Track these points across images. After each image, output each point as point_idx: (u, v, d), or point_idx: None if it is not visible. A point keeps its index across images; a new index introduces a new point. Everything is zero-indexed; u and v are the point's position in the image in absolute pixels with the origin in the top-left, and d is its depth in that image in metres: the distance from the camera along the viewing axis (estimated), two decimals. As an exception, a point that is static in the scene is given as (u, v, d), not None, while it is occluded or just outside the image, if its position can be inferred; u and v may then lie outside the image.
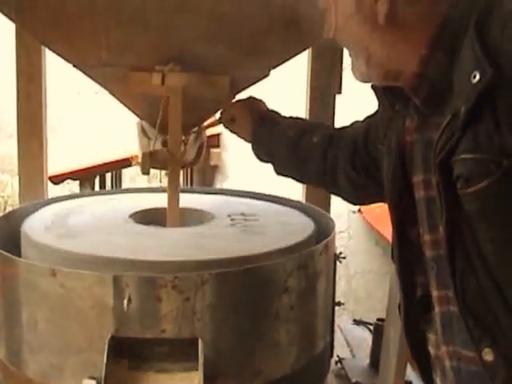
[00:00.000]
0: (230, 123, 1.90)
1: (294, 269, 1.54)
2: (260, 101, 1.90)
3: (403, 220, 1.25)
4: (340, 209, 5.02)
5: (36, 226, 1.74)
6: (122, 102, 1.89)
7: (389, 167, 1.27)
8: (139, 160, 1.72)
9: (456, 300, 1.08)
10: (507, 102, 0.95)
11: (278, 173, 1.84)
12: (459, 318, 1.09)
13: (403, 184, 1.23)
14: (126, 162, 4.63)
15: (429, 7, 1.08)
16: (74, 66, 1.75)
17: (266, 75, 1.86)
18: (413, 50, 1.11)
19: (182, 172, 2.10)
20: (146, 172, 1.70)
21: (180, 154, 1.78)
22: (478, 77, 0.97)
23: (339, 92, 2.28)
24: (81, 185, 4.54)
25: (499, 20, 0.98)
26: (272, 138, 1.78)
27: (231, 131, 1.92)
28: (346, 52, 2.19)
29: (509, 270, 1.00)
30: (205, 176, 5.28)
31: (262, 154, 1.83)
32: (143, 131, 1.88)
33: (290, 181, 1.86)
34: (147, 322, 1.41)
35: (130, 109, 1.92)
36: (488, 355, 1.03)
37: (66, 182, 4.68)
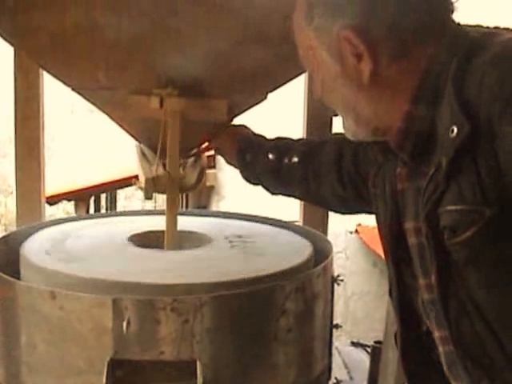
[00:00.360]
0: (217, 151, 1.96)
1: (292, 291, 1.55)
2: (243, 126, 1.94)
3: (400, 262, 1.27)
4: (337, 229, 5.04)
5: (35, 249, 1.75)
6: (120, 125, 1.91)
7: (385, 213, 1.30)
8: (142, 185, 1.74)
9: (452, 341, 1.11)
10: (486, 154, 0.97)
11: (271, 193, 1.88)
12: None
13: (398, 229, 1.25)
14: (121, 183, 4.67)
15: (410, 63, 1.11)
16: (73, 89, 1.77)
17: (264, 99, 1.89)
18: (397, 105, 1.14)
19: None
20: (149, 197, 1.72)
21: (179, 178, 1.80)
22: (455, 131, 1.00)
23: (336, 114, 2.30)
24: (76, 205, 4.56)
25: (477, 72, 1.01)
26: (256, 163, 1.82)
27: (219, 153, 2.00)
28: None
29: (500, 313, 1.03)
30: (201, 197, 5.31)
31: (251, 178, 1.87)
32: (143, 154, 1.90)
33: (286, 200, 1.89)
34: (146, 344, 1.42)
35: (128, 132, 1.94)
36: None
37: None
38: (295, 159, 1.72)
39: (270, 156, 1.77)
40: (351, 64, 1.13)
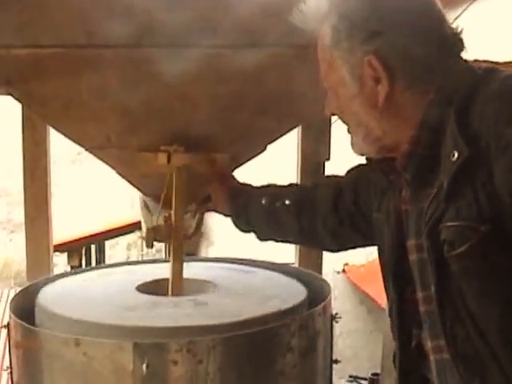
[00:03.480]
0: (206, 201, 2.06)
1: (297, 329, 1.66)
2: (231, 176, 2.04)
3: (401, 280, 1.37)
4: (325, 269, 5.12)
5: (51, 300, 1.85)
6: (127, 180, 2.03)
7: (389, 235, 1.40)
8: (143, 234, 1.85)
9: (447, 347, 1.21)
10: (483, 177, 1.10)
11: (261, 239, 1.98)
12: (452, 364, 1.22)
13: (400, 248, 1.36)
14: (110, 233, 4.76)
15: (419, 93, 1.24)
16: (86, 149, 1.90)
17: (263, 150, 2.02)
18: (405, 128, 1.26)
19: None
20: (149, 245, 1.84)
21: (183, 227, 1.92)
22: (456, 155, 1.13)
23: (328, 159, 2.45)
24: (69, 256, 4.61)
25: (479, 104, 1.15)
26: (248, 210, 1.92)
27: (207, 210, 2.09)
28: (333, 121, 2.38)
29: (490, 319, 1.14)
30: (189, 242, 5.37)
31: (242, 225, 1.97)
32: (146, 206, 2.02)
33: (276, 246, 1.99)
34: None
35: (135, 186, 2.06)
36: None
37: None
38: (288, 202, 1.84)
39: (263, 201, 1.88)
40: (369, 86, 1.25)
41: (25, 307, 1.86)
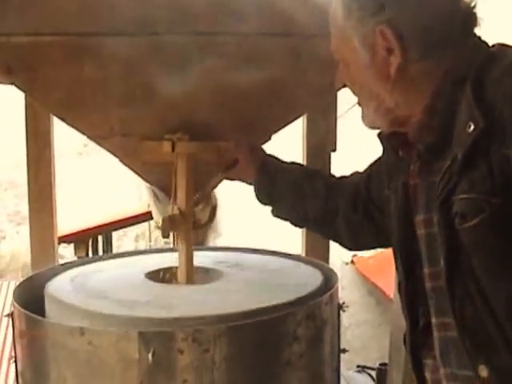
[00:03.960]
0: (232, 166, 1.96)
1: (303, 319, 1.65)
2: (260, 147, 1.99)
3: (409, 256, 1.36)
4: (333, 260, 5.12)
5: (60, 289, 1.85)
6: (132, 169, 2.02)
7: (395, 208, 1.40)
8: (158, 224, 1.84)
9: (455, 324, 1.19)
10: (499, 149, 1.10)
11: (277, 215, 1.91)
12: (455, 342, 1.21)
13: (408, 222, 1.35)
14: (117, 224, 4.76)
15: (433, 65, 1.24)
16: (88, 137, 1.89)
17: (268, 140, 2.00)
18: (418, 99, 1.26)
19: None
20: (166, 235, 1.82)
21: (192, 216, 1.91)
22: (472, 127, 1.13)
23: (334, 150, 2.43)
24: (75, 247, 4.61)
25: (495, 76, 1.15)
26: (274, 181, 1.85)
27: (228, 178, 2.01)
28: (339, 110, 2.36)
29: (499, 294, 1.13)
30: (197, 233, 5.36)
31: (264, 196, 1.89)
32: (155, 196, 2.01)
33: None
34: (170, 373, 1.51)
35: (139, 175, 2.05)
36: (483, 371, 1.15)
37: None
38: (319, 182, 1.80)
39: (294, 175, 1.83)
40: (381, 56, 1.25)
41: (30, 296, 1.85)
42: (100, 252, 4.62)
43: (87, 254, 4.31)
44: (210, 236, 5.54)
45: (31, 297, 1.84)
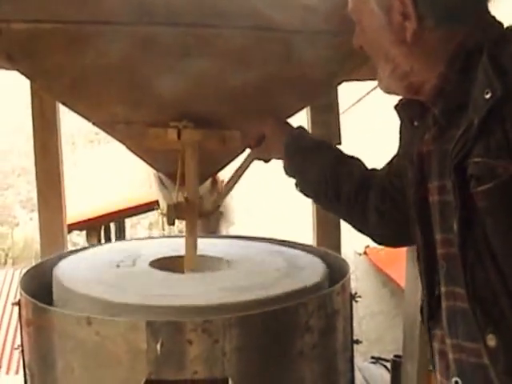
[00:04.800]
0: (259, 143, 1.89)
1: (315, 309, 1.62)
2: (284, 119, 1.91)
3: (426, 222, 1.34)
4: (346, 250, 5.08)
5: (68, 275, 1.83)
6: (138, 155, 1.99)
7: (412, 177, 1.39)
8: (164, 211, 1.81)
9: (465, 291, 1.17)
10: None
11: (301, 191, 1.81)
12: (463, 312, 1.20)
13: (423, 189, 1.34)
14: (129, 212, 4.74)
15: (449, 32, 1.24)
16: (93, 123, 1.86)
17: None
18: (433, 65, 1.26)
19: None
20: (171, 223, 1.79)
21: (197, 203, 1.87)
22: (489, 94, 1.12)
23: (339, 143, 2.39)
24: (87, 235, 4.61)
25: (510, 47, 1.16)
26: (305, 157, 1.77)
27: (258, 158, 1.93)
28: (342, 103, 2.33)
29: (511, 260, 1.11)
30: (209, 223, 5.35)
31: (293, 170, 1.81)
32: (162, 183, 1.98)
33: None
34: (180, 364, 1.49)
35: (146, 162, 2.02)
36: (491, 341, 1.13)
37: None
38: (356, 168, 1.72)
39: (330, 155, 1.75)
40: (397, 20, 1.25)
41: (37, 284, 1.84)
42: (113, 239, 4.62)
43: (99, 242, 4.31)
44: (223, 225, 5.53)
45: (39, 284, 1.83)
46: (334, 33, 1.65)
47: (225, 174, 2.09)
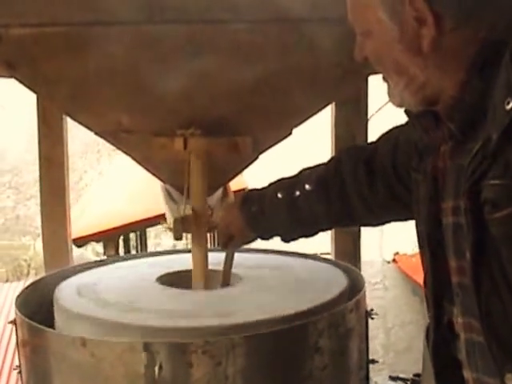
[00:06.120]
0: (231, 240, 1.83)
1: (325, 328, 1.52)
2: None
3: (437, 246, 1.24)
4: (372, 257, 4.99)
5: (67, 294, 1.76)
6: (144, 166, 1.92)
7: (425, 194, 1.26)
8: (171, 225, 1.73)
9: (480, 324, 1.08)
10: None
11: (287, 240, 1.77)
12: (482, 345, 1.09)
13: (436, 210, 1.22)
14: (149, 222, 4.66)
15: (470, 32, 1.09)
16: (96, 133, 1.79)
17: (289, 134, 1.87)
18: (452, 74, 1.12)
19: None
20: (178, 237, 1.71)
21: (206, 216, 1.79)
22: (510, 104, 0.99)
23: (366, 141, 2.26)
24: (105, 246, 4.54)
25: None
26: (264, 212, 1.72)
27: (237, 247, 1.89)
28: (370, 99, 2.22)
29: None
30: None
31: (262, 231, 1.77)
32: (169, 195, 1.90)
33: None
34: (179, 388, 1.40)
35: (151, 173, 1.95)
36: (510, 381, 1.04)
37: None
38: (308, 186, 1.66)
39: (279, 195, 1.69)
40: (412, 28, 1.10)
41: (38, 302, 1.78)
42: (133, 250, 4.57)
43: (117, 253, 4.25)
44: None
45: (38, 303, 1.76)
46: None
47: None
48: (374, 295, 5.08)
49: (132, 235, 4.68)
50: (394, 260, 5.15)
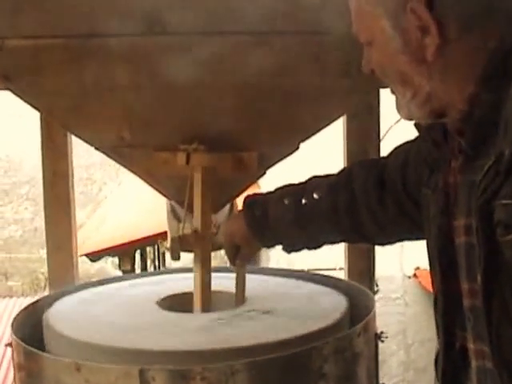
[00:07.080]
0: (238, 252, 1.77)
1: (331, 353, 1.46)
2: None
3: (447, 266, 1.19)
4: (392, 272, 4.90)
5: (60, 316, 1.70)
6: (147, 182, 1.87)
7: (436, 211, 1.21)
8: (168, 245, 1.68)
9: (490, 352, 1.04)
10: None
11: (289, 250, 1.72)
12: (494, 373, 1.05)
13: (447, 229, 1.17)
14: (166, 236, 4.58)
15: (478, 40, 1.05)
16: (96, 148, 1.75)
17: (296, 149, 1.82)
18: (460, 86, 1.08)
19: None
20: (176, 258, 1.66)
21: (210, 235, 1.73)
22: None
23: (378, 155, 2.20)
24: (120, 261, 4.49)
25: None
26: (268, 217, 1.65)
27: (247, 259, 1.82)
28: (383, 113, 2.16)
29: None
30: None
31: (265, 237, 1.70)
32: (173, 212, 1.85)
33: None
34: (175, 416, 1.35)
35: (156, 189, 1.90)
36: None
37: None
38: (316, 195, 1.60)
39: (286, 201, 1.63)
40: (415, 38, 1.07)
41: (32, 325, 1.71)
42: (149, 264, 4.51)
43: (133, 268, 4.20)
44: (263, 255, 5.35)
45: (36, 325, 1.70)
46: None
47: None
48: (395, 311, 5.00)
49: (149, 249, 4.62)
50: (414, 275, 5.06)
